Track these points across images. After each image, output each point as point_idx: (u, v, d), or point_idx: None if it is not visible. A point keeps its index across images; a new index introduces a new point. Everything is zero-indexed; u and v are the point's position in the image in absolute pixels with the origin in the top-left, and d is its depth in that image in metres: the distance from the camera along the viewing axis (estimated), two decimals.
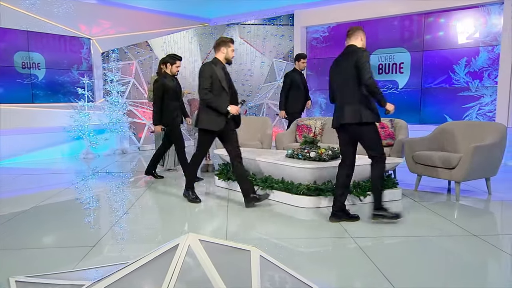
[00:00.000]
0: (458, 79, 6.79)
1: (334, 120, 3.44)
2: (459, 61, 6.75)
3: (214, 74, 3.78)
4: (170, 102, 4.94)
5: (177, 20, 8.92)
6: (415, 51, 7.18)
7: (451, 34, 6.84)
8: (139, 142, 8.42)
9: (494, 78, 6.44)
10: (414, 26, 7.22)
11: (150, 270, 1.43)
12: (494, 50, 6.41)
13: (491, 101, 6.51)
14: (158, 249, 1.47)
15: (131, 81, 8.54)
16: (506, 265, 2.64)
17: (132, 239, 3.18)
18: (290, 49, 8.91)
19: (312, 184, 3.88)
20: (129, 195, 4.56)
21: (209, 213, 3.93)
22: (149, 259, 1.44)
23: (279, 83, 9.07)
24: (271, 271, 1.63)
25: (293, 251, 2.92)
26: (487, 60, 6.50)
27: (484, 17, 6.50)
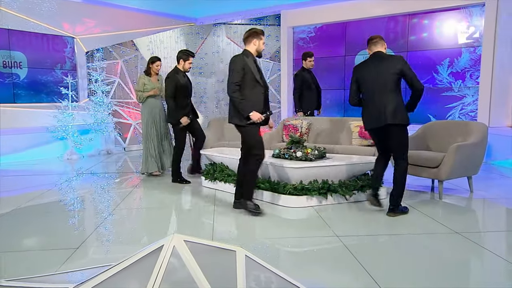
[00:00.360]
0: (441, 79, 6.92)
1: (373, 121, 3.53)
2: (442, 62, 6.88)
3: (247, 67, 3.53)
4: (181, 99, 4.93)
5: (163, 20, 8.86)
6: (400, 52, 7.29)
7: (435, 35, 6.96)
8: (124, 142, 8.33)
9: (476, 78, 6.58)
10: (399, 27, 7.32)
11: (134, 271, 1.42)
12: (475, 51, 6.56)
13: (473, 101, 6.65)
14: (142, 250, 1.46)
15: (116, 81, 8.44)
16: (487, 262, 2.71)
17: (118, 240, 3.15)
18: (277, 49, 8.94)
19: (299, 183, 3.90)
20: (114, 196, 4.50)
21: (196, 214, 3.92)
22: (134, 261, 1.43)
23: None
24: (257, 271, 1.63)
25: (279, 251, 2.93)
26: (469, 61, 6.64)
27: (466, 19, 6.64)
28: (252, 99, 3.56)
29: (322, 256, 2.81)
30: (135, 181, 5.27)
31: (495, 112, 6.37)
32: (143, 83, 5.35)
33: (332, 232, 3.17)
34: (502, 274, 2.53)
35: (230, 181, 4.44)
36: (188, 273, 1.40)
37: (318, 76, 6.42)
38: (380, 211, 3.77)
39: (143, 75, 5.46)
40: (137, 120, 8.53)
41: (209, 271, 1.43)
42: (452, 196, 4.29)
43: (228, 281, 1.44)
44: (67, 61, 7.90)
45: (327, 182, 3.93)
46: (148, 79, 5.40)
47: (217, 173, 4.63)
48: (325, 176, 3.95)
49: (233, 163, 4.53)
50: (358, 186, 4.00)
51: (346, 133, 5.32)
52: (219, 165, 4.70)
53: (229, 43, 9.54)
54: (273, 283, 1.62)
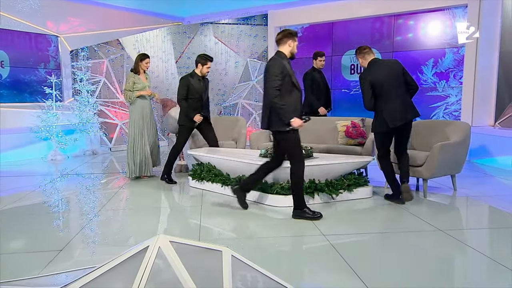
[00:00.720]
0: (426, 79, 7.03)
1: (396, 119, 3.75)
2: (427, 62, 7.00)
3: (285, 70, 3.38)
4: (192, 102, 4.91)
5: (150, 19, 8.77)
6: (386, 52, 7.38)
7: (420, 35, 7.07)
8: (110, 142, 8.23)
9: (459, 78, 6.71)
10: (385, 28, 7.41)
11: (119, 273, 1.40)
12: (459, 51, 6.68)
13: (456, 100, 6.78)
14: (127, 251, 1.45)
15: (101, 80, 8.33)
16: (470, 259, 2.77)
17: (104, 242, 3.11)
18: (264, 49, 8.95)
19: (286, 183, 3.91)
20: (100, 197, 4.45)
21: (183, 214, 3.90)
22: (118, 262, 1.41)
23: (254, 83, 9.11)
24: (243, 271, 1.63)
25: (266, 250, 2.94)
26: (452, 61, 6.77)
27: (450, 20, 6.77)
28: (292, 104, 3.38)
29: (309, 255, 2.83)
30: (121, 181, 5.22)
31: (478, 112, 6.50)
32: (132, 82, 5.15)
33: (319, 231, 3.19)
34: (484, 271, 2.59)
35: (217, 181, 4.43)
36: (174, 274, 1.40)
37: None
38: (362, 211, 3.82)
39: (131, 73, 5.25)
40: (123, 120, 8.45)
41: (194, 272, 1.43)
42: (436, 194, 4.37)
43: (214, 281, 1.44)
44: (51, 60, 7.76)
45: (314, 181, 3.95)
46: (138, 77, 5.22)
47: (204, 173, 4.62)
48: (312, 176, 3.98)
49: (220, 163, 4.53)
50: (344, 185, 4.04)
51: (333, 132, 5.36)
52: (206, 165, 4.69)
53: (217, 42, 9.52)
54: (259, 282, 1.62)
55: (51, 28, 7.59)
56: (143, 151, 5.21)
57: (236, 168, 4.35)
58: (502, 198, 4.21)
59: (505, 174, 5.31)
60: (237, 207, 3.94)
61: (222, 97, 9.56)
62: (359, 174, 4.33)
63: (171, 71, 9.70)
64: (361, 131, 5.06)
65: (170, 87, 9.80)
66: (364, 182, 4.23)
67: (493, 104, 6.52)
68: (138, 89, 5.20)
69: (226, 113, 9.39)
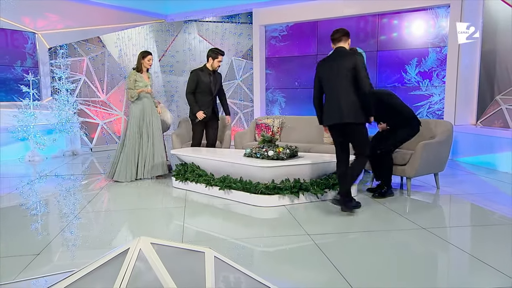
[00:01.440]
0: (409, 78, 7.15)
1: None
2: (411, 61, 7.12)
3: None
4: (200, 97, 4.91)
5: (132, 16, 8.66)
6: (370, 51, 7.48)
7: (404, 35, 7.19)
8: (91, 143, 8.10)
9: (442, 78, 6.85)
10: (369, 27, 7.51)
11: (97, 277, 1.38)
12: (442, 51, 6.82)
13: (439, 99, 6.92)
14: (106, 254, 1.43)
15: (81, 79, 8.19)
16: (453, 256, 2.83)
17: (84, 245, 3.06)
18: (249, 48, 8.95)
19: (271, 183, 3.93)
20: (80, 199, 4.37)
21: (166, 215, 3.87)
22: (97, 266, 1.39)
23: (239, 82, 9.10)
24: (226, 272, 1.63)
25: (250, 251, 2.95)
26: (435, 60, 6.91)
27: (433, 20, 6.90)
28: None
29: (293, 255, 2.85)
30: (103, 182, 5.14)
31: (460, 111, 6.66)
32: (134, 80, 5.04)
33: (303, 230, 3.21)
34: (466, 268, 2.65)
35: (201, 181, 4.41)
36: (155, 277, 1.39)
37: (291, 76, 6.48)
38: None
39: (133, 71, 5.13)
40: (105, 120, 8.33)
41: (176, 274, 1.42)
42: (420, 192, 4.45)
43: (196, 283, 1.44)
44: (28, 58, 7.58)
45: (298, 181, 3.98)
46: (140, 76, 5.10)
47: (188, 173, 4.59)
48: (297, 175, 4.00)
49: (204, 163, 4.51)
50: (329, 184, 4.07)
51: (318, 131, 5.41)
52: (190, 165, 4.66)
53: (201, 40, 9.48)
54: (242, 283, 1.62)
55: (28, 25, 7.42)
56: (134, 153, 5.08)
57: (220, 168, 4.34)
58: (484, 196, 4.32)
59: (487, 172, 5.45)
60: (220, 208, 3.94)
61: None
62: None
63: (154, 70, 9.59)
64: None
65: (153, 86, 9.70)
66: None
67: (475, 103, 6.69)
68: (140, 87, 5.09)
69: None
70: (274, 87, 8.54)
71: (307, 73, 8.17)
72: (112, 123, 8.44)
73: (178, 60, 9.90)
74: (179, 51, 9.85)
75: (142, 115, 5.12)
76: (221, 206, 4.01)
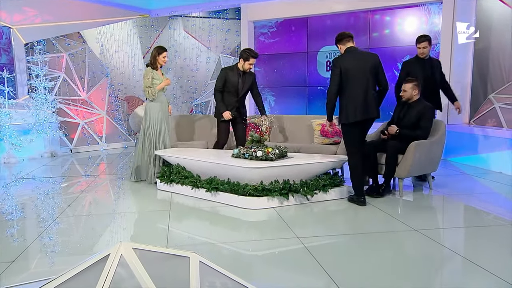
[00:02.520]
0: None
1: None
2: (403, 59, 7.20)
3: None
4: (227, 96, 4.94)
5: (114, 10, 8.57)
6: (362, 48, 7.54)
7: (396, 31, 7.28)
8: (71, 143, 7.99)
9: None
10: (361, 23, 7.58)
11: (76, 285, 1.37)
12: (434, 48, 6.92)
13: None
14: (85, 261, 1.42)
15: (61, 76, 8.08)
16: (445, 258, 2.87)
17: (64, 251, 3.02)
18: (237, 44, 8.95)
19: (259, 184, 3.93)
20: (59, 202, 4.32)
21: (150, 219, 3.85)
22: (75, 273, 1.38)
23: None
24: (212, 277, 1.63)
25: (239, 255, 2.95)
26: None
27: (426, 16, 7.00)
28: None
29: (282, 259, 2.86)
30: (84, 185, 5.08)
31: (453, 110, 6.75)
32: (151, 77, 4.94)
33: (293, 233, 3.23)
34: (460, 271, 2.69)
35: (187, 183, 4.39)
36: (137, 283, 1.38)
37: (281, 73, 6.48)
38: (337, 212, 3.90)
39: (149, 69, 5.02)
40: (85, 119, 8.23)
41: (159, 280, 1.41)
42: (412, 193, 4.51)
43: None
44: (2, 54, 7.45)
45: (288, 182, 3.99)
46: (156, 73, 5.02)
47: (173, 175, 4.57)
48: (286, 176, 4.01)
49: (190, 164, 4.50)
50: (319, 185, 4.10)
51: (308, 131, 5.43)
52: (175, 166, 4.64)
53: (187, 37, 9.44)
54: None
55: (3, 19, 7.28)
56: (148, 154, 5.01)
57: (207, 169, 4.33)
58: (477, 197, 4.40)
59: (480, 172, 5.55)
60: (207, 211, 3.94)
61: (193, 94, 9.49)
62: (334, 174, 4.42)
63: (138, 67, 9.53)
64: (337, 129, 5.14)
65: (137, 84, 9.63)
66: (340, 182, 4.32)
67: (468, 102, 6.79)
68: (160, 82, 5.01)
69: (197, 111, 9.33)
70: (263, 85, 8.55)
71: (297, 70, 8.21)
72: (93, 122, 8.34)
73: None
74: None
75: (161, 115, 5.05)
76: (207, 208, 4.00)
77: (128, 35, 9.26)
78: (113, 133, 8.52)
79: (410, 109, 4.36)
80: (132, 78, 9.55)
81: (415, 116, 4.31)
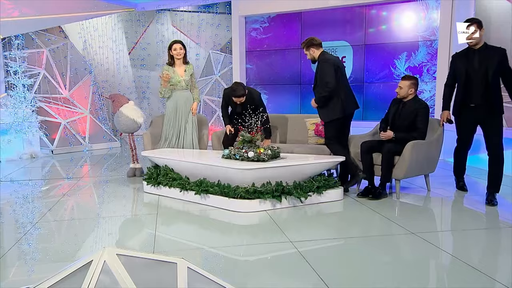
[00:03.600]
0: (399, 74, 7.29)
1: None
2: (400, 56, 7.27)
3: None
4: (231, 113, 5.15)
5: (98, 3, 8.52)
6: (357, 45, 7.59)
7: (393, 27, 7.33)
8: (52, 144, 7.91)
9: (433, 73, 7.02)
10: (356, 19, 7.62)
11: None
12: (432, 45, 6.99)
13: (430, 96, 7.08)
14: (66, 268, 1.41)
15: (41, 73, 7.99)
16: (444, 263, 2.90)
17: (45, 257, 2.99)
18: (228, 40, 8.94)
19: (251, 186, 3.94)
20: (40, 206, 4.28)
21: (137, 223, 3.83)
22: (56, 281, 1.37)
23: (217, 77, 9.07)
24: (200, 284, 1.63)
25: (229, 260, 2.95)
26: (426, 55, 7.07)
27: (423, 11, 7.06)
28: None
29: (275, 265, 2.87)
30: (66, 188, 5.04)
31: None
32: (166, 76, 4.96)
33: (286, 237, 3.24)
34: (459, 276, 2.71)
35: (175, 186, 4.38)
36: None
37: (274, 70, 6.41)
38: (332, 214, 3.92)
39: (165, 66, 5.08)
40: (68, 119, 8.15)
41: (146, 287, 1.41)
42: (409, 195, 4.55)
43: None
44: None
45: (281, 184, 4.00)
46: (172, 70, 5.02)
47: (160, 177, 4.55)
48: (279, 178, 4.02)
49: (179, 165, 4.48)
50: (314, 187, 4.11)
51: (302, 131, 5.45)
52: (163, 168, 4.63)
53: (175, 32, 9.41)
54: None
55: None
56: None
57: (196, 170, 4.32)
58: (476, 199, 4.45)
59: (480, 173, 5.60)
60: (196, 214, 3.93)
61: None
62: (329, 175, 4.44)
63: (123, 64, 9.49)
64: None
65: (122, 82, 9.60)
66: (335, 184, 4.33)
67: None
68: (172, 84, 5.02)
69: None
70: (255, 83, 8.55)
71: (291, 67, 8.23)
72: (76, 122, 8.26)
73: (149, 53, 9.80)
74: (151, 43, 9.75)
75: (175, 113, 5.12)
76: (197, 212, 3.99)
77: (113, 30, 9.21)
78: (97, 133, 8.45)
79: (404, 108, 4.39)
80: (117, 75, 9.49)
81: (410, 115, 4.34)
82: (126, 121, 5.40)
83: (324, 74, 4.32)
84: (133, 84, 9.82)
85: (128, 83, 9.68)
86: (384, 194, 4.35)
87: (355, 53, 7.63)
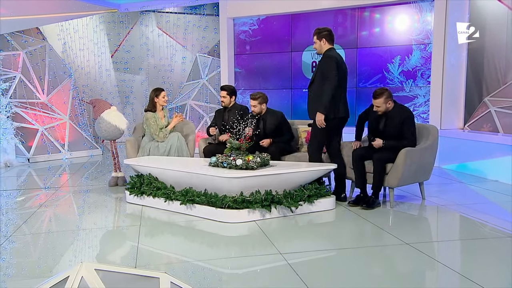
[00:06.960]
0: (392, 78, 7.39)
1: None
2: (393, 60, 7.36)
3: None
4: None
5: (78, 4, 8.48)
6: (350, 48, 7.67)
7: (386, 30, 7.43)
8: (29, 152, 7.80)
9: (427, 78, 7.12)
10: (348, 22, 7.71)
11: None
12: (426, 48, 7.10)
13: (424, 101, 7.18)
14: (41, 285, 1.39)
15: (17, 76, 7.91)
16: (439, 275, 2.92)
17: (20, 273, 2.95)
18: (215, 43, 8.97)
19: (239, 195, 3.93)
20: (14, 218, 4.21)
21: (118, 236, 3.80)
22: None
23: (204, 81, 9.08)
24: None
25: (217, 274, 2.93)
26: (420, 59, 7.17)
27: (417, 14, 7.18)
28: None
29: (264, 278, 2.86)
30: (43, 199, 4.97)
31: (447, 114, 6.92)
32: (155, 122, 5.23)
33: (275, 249, 3.23)
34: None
35: (160, 195, 4.35)
36: None
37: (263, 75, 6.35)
38: (324, 224, 3.93)
39: (149, 113, 5.27)
40: (45, 125, 8.07)
41: None
42: (403, 204, 4.58)
43: None
44: None
45: (270, 193, 4.00)
46: (158, 117, 5.30)
47: (144, 186, 4.53)
48: (268, 186, 4.03)
49: (163, 174, 4.46)
50: (305, 196, 4.12)
51: None
52: (147, 176, 4.60)
53: (161, 34, 9.42)
54: None
55: None
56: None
57: (182, 179, 4.30)
58: (472, 207, 4.50)
59: (476, 180, 5.68)
60: (182, 226, 3.91)
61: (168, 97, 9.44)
62: (320, 184, 4.45)
63: (105, 67, 9.45)
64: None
65: (104, 86, 9.55)
66: (326, 193, 4.35)
67: (462, 106, 6.97)
68: (161, 127, 5.27)
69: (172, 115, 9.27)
70: (244, 88, 8.58)
71: (281, 71, 8.28)
72: (54, 129, 8.17)
73: (133, 56, 9.78)
74: (135, 46, 9.74)
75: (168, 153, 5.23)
76: (182, 223, 3.97)
77: (95, 32, 9.17)
78: (77, 140, 8.37)
79: (389, 120, 4.38)
80: (99, 79, 9.44)
81: (398, 124, 4.34)
82: (108, 128, 5.36)
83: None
84: (116, 89, 9.77)
85: (111, 87, 9.63)
86: (378, 204, 4.38)
87: (347, 57, 7.70)
